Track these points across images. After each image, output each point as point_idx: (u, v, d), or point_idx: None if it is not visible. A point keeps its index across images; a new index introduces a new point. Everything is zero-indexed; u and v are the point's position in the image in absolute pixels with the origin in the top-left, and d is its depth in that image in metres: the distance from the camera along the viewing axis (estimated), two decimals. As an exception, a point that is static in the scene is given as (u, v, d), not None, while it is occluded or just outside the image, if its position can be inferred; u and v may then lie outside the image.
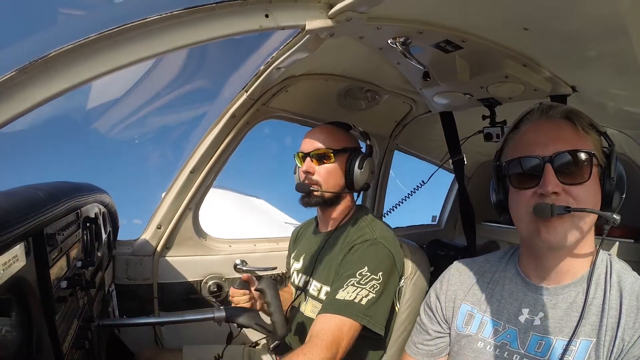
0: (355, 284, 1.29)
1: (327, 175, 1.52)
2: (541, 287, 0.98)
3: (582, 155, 0.90)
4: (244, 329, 1.32)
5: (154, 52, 1.00)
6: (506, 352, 0.97)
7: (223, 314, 1.26)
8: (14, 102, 0.80)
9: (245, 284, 1.52)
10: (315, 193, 1.52)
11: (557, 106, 0.97)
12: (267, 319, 1.34)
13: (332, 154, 1.51)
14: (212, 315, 1.26)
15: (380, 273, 1.32)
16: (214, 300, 1.85)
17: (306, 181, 1.53)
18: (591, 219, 0.91)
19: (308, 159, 1.53)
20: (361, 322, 1.26)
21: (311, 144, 1.54)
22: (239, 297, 1.48)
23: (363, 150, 1.62)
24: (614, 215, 0.88)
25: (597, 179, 0.93)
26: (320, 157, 1.52)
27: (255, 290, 1.30)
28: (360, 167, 1.51)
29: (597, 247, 0.96)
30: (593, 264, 0.93)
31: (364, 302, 1.27)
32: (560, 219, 0.89)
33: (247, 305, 1.48)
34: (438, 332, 1.15)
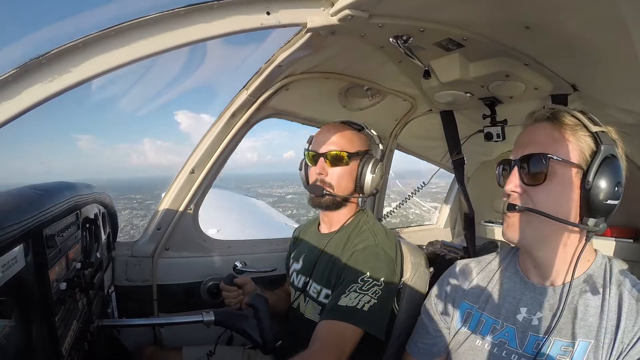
0: (358, 290, 1.29)
1: (340, 178, 1.49)
2: (540, 287, 0.99)
3: (541, 159, 0.92)
4: None
5: (153, 51, 0.99)
6: (504, 351, 0.98)
7: (212, 317, 1.26)
8: (15, 101, 0.79)
9: (232, 281, 1.57)
10: (327, 196, 1.49)
11: (543, 109, 1.00)
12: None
13: (347, 157, 1.48)
14: (201, 318, 1.25)
15: (382, 279, 1.32)
16: (212, 301, 1.83)
17: (318, 182, 1.50)
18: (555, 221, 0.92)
19: (321, 159, 1.50)
20: (364, 328, 1.26)
21: (325, 144, 1.50)
22: (227, 294, 1.57)
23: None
24: (594, 223, 0.91)
25: (573, 182, 0.92)
26: (334, 159, 1.49)
27: (247, 304, 1.29)
28: (372, 172, 1.50)
29: (582, 249, 0.95)
30: (576, 264, 0.94)
31: (366, 308, 1.27)
32: (516, 216, 0.96)
33: (236, 302, 1.57)
34: (438, 331, 1.16)
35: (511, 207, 0.95)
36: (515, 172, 0.96)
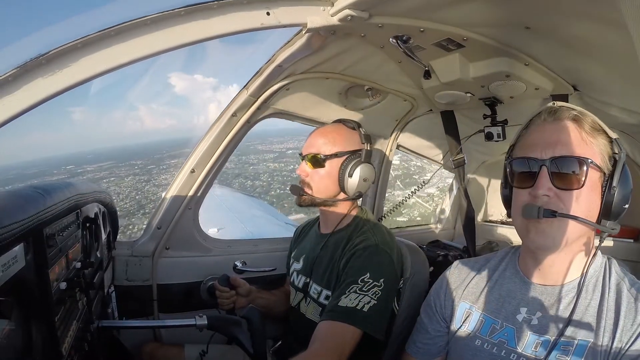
0: (358, 291, 1.29)
1: (318, 180, 1.52)
2: (539, 287, 0.99)
3: (579, 162, 0.89)
4: None
5: (153, 51, 0.99)
6: (503, 351, 0.98)
7: (205, 322, 1.27)
8: (14, 101, 0.79)
9: (227, 282, 1.58)
10: (305, 197, 1.54)
11: (565, 108, 0.96)
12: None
13: (322, 160, 1.50)
14: (194, 322, 1.26)
15: (382, 279, 1.32)
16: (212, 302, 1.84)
17: (300, 183, 1.55)
18: (583, 225, 0.91)
19: (303, 161, 1.55)
20: (364, 329, 1.26)
21: (308, 147, 1.55)
22: (221, 294, 1.59)
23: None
24: (611, 226, 0.90)
25: (597, 186, 0.92)
26: (313, 161, 1.52)
27: (242, 317, 1.30)
28: (350, 175, 1.50)
29: (595, 250, 0.96)
30: (588, 266, 0.94)
31: (366, 309, 1.27)
32: (549, 222, 0.90)
33: (229, 303, 1.59)
34: (437, 331, 1.16)
35: (549, 213, 0.88)
36: (545, 174, 0.91)
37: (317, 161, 1.51)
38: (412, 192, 2.62)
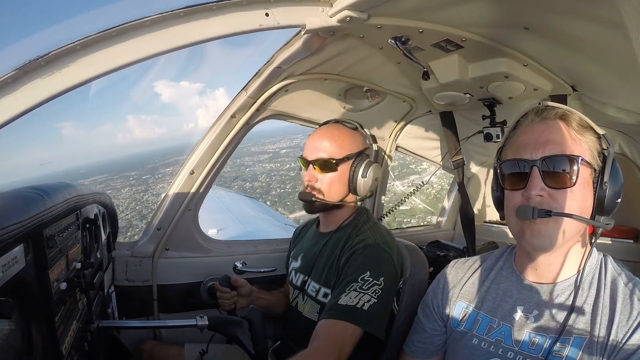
0: (358, 289, 1.29)
1: (330, 184, 1.49)
2: (536, 285, 1.00)
3: (569, 160, 0.90)
4: None
5: (152, 52, 0.99)
6: (500, 349, 0.98)
7: (206, 322, 1.27)
8: (13, 103, 0.79)
9: (228, 282, 1.57)
10: (317, 202, 1.50)
11: (552, 108, 0.97)
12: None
13: (334, 164, 1.48)
14: (195, 323, 1.26)
15: (382, 278, 1.32)
16: (212, 302, 1.84)
17: (308, 189, 1.51)
18: (578, 222, 0.91)
19: (311, 166, 1.50)
20: (364, 327, 1.26)
21: (314, 151, 1.50)
22: (222, 295, 1.57)
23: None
24: (605, 221, 0.91)
25: (588, 183, 0.92)
26: (323, 166, 1.49)
27: (242, 318, 1.30)
28: (363, 176, 1.49)
29: (591, 247, 0.96)
30: (584, 263, 0.95)
31: (366, 307, 1.27)
32: (544, 222, 0.90)
33: (230, 304, 1.57)
34: (435, 330, 1.17)
35: (544, 213, 0.88)
36: (537, 174, 0.91)
37: (329, 166, 1.48)
38: (411, 192, 2.63)
